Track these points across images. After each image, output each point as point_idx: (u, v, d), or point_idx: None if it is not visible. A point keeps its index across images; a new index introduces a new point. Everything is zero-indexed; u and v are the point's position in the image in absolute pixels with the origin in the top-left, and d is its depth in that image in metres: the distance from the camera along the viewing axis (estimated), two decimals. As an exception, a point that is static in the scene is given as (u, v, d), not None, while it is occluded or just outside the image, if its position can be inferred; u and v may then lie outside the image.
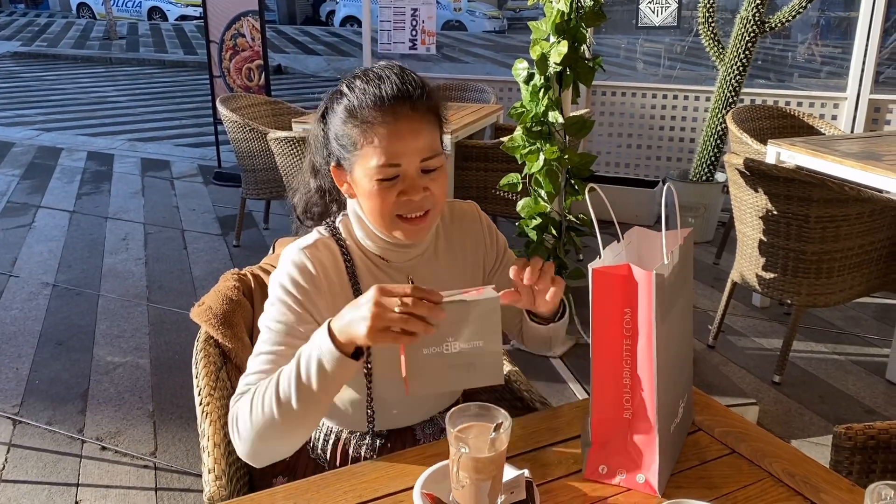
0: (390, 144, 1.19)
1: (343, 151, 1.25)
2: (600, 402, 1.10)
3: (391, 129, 1.19)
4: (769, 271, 2.99)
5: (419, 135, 1.21)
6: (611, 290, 1.07)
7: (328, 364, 1.07)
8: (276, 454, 1.17)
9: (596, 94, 5.20)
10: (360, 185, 1.24)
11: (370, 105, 1.20)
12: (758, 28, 4.21)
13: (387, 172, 1.20)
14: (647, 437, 1.08)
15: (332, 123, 1.27)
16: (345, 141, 1.23)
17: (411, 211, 1.23)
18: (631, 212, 4.91)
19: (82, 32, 19.40)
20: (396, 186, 1.21)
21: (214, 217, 5.16)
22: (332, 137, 1.27)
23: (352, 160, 1.23)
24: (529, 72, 2.82)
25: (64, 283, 4.06)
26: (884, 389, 2.99)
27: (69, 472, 2.50)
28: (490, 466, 0.99)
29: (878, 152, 3.20)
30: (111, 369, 3.16)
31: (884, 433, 1.41)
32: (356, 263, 1.30)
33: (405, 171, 1.21)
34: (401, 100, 1.20)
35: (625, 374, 1.08)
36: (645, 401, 1.07)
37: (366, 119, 1.20)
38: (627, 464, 1.10)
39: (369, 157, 1.20)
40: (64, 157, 6.98)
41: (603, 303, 1.07)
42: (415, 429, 1.40)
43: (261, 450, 1.14)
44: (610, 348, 1.08)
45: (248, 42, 5.69)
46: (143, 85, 12.17)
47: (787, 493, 1.08)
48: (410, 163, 1.20)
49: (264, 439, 1.12)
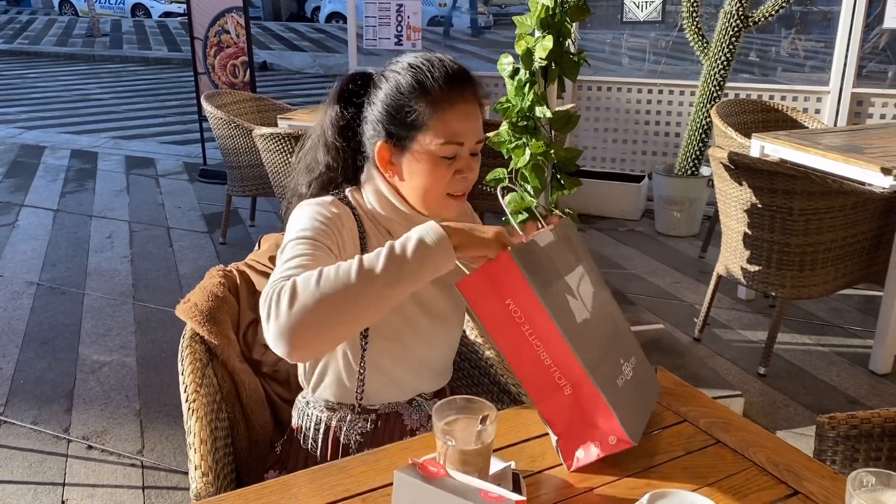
0: (459, 123, 1.24)
1: (401, 128, 1.26)
2: (538, 393, 1.10)
3: (461, 109, 1.25)
4: (754, 264, 3.01)
5: (477, 118, 1.28)
6: (480, 292, 1.07)
7: (430, 240, 1.07)
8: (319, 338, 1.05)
9: (581, 88, 5.21)
10: (417, 162, 1.26)
11: (443, 82, 1.24)
12: (741, 23, 4.23)
13: (451, 150, 1.24)
14: (594, 399, 1.09)
15: (382, 101, 1.28)
16: (410, 116, 1.25)
17: (462, 189, 1.28)
18: (617, 206, 4.93)
19: (65, 30, 19.21)
20: (454, 165, 1.26)
21: (200, 214, 5.14)
22: (385, 113, 1.27)
23: (414, 136, 1.25)
24: (515, 66, 2.82)
25: (48, 281, 4.03)
26: (867, 380, 3.02)
27: (55, 471, 2.48)
28: (477, 459, 0.99)
29: (861, 145, 3.23)
30: (97, 368, 3.14)
31: (866, 422, 1.43)
32: (366, 230, 1.31)
33: (463, 152, 1.26)
34: (467, 82, 1.27)
35: (542, 355, 1.08)
36: (572, 367, 1.08)
37: (439, 96, 1.24)
38: (595, 434, 1.10)
39: (437, 134, 1.24)
40: (47, 156, 6.92)
41: (483, 307, 1.08)
42: (402, 414, 1.41)
43: (310, 325, 1.02)
44: (516, 342, 1.08)
45: (232, 38, 5.66)
46: (127, 82, 12.08)
47: (771, 482, 1.09)
48: (470, 144, 1.27)
49: (321, 306, 1.02)
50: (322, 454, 1.39)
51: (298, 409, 1.44)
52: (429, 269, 1.08)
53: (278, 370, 1.57)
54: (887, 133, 3.52)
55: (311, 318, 1.02)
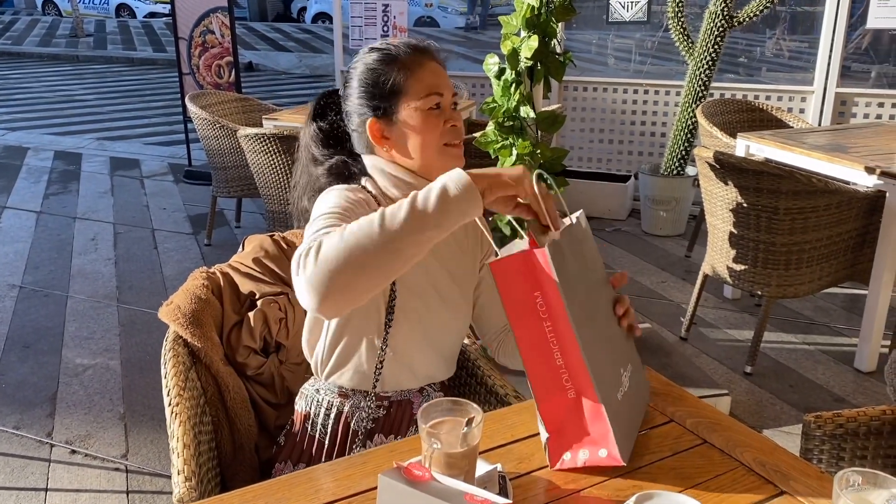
0: (432, 78, 1.36)
1: (383, 101, 1.35)
2: (542, 390, 1.10)
3: (430, 66, 1.37)
4: (740, 263, 3.02)
5: (446, 74, 1.40)
6: (513, 277, 1.07)
7: (453, 189, 1.06)
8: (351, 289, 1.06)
9: (567, 89, 5.22)
10: (408, 124, 1.34)
11: (407, 50, 1.37)
12: (726, 23, 4.25)
13: (435, 100, 1.34)
14: (595, 410, 1.09)
15: (356, 91, 1.38)
16: (387, 87, 1.35)
17: (456, 137, 1.37)
18: (603, 206, 4.94)
19: (48, 30, 19.05)
20: (441, 115, 1.36)
21: (185, 216, 5.10)
22: (364, 96, 1.37)
23: (396, 103, 1.35)
24: (500, 67, 2.81)
25: (31, 284, 3.99)
26: (852, 378, 3.04)
27: (38, 476, 2.45)
28: (462, 462, 0.98)
29: (845, 144, 3.25)
30: (80, 371, 3.11)
31: (852, 421, 1.44)
32: None
33: (445, 103, 1.37)
34: (429, 48, 1.41)
35: (556, 355, 1.08)
36: (582, 375, 1.08)
37: (407, 59, 1.36)
38: (587, 442, 1.10)
39: (418, 91, 1.34)
40: (30, 157, 6.85)
41: (510, 292, 1.07)
42: (413, 402, 1.44)
43: (341, 278, 1.04)
44: (534, 336, 1.08)
45: (217, 39, 5.63)
46: (112, 83, 11.99)
47: (758, 482, 1.09)
48: (448, 94, 1.37)
49: (350, 264, 1.03)
50: (332, 439, 1.41)
51: (306, 397, 1.45)
52: (454, 217, 1.07)
53: (262, 373, 1.55)
54: (871, 132, 3.54)
55: (337, 267, 1.04)
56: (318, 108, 1.48)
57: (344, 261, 1.04)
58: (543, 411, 1.11)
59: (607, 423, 1.08)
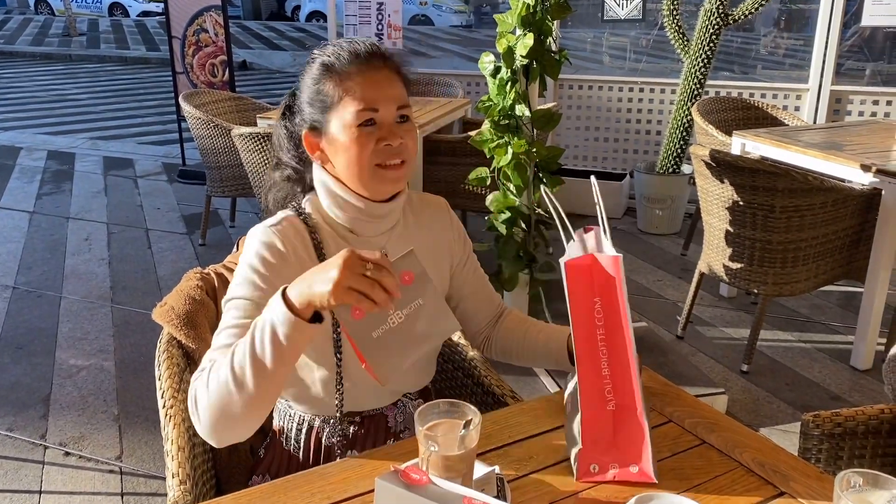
0: (368, 90, 1.24)
1: (318, 112, 1.27)
2: (588, 399, 1.09)
3: (368, 78, 1.25)
4: (736, 261, 3.02)
5: (393, 84, 1.27)
6: (581, 281, 1.06)
7: (281, 329, 1.05)
8: (233, 433, 1.13)
9: (563, 87, 5.21)
10: (338, 140, 1.25)
11: (346, 58, 1.26)
12: (721, 21, 4.25)
13: (366, 116, 1.23)
14: (635, 426, 1.08)
15: (303, 94, 1.30)
16: (321, 98, 1.26)
17: (390, 158, 1.25)
18: (599, 204, 4.93)
19: (40, 29, 18.97)
20: (375, 133, 1.24)
21: (179, 216, 5.08)
22: (305, 104, 1.30)
23: (328, 117, 1.26)
24: (496, 65, 2.81)
25: (24, 285, 3.97)
26: (848, 376, 3.04)
27: (31, 478, 2.43)
28: (460, 464, 0.97)
29: (840, 142, 3.25)
30: (74, 373, 3.09)
31: (850, 420, 1.43)
32: (324, 239, 1.30)
33: (383, 118, 1.25)
34: (375, 55, 1.27)
35: (603, 365, 1.08)
36: (627, 389, 1.07)
37: (343, 71, 1.25)
38: (619, 457, 1.08)
39: (347, 106, 1.24)
40: (23, 157, 6.81)
41: (577, 295, 1.07)
42: (387, 415, 1.38)
43: (218, 428, 1.11)
44: (589, 341, 1.08)
45: (211, 38, 5.60)
46: (105, 82, 11.94)
47: (758, 483, 1.08)
48: (388, 110, 1.25)
49: (221, 417, 1.09)
50: (305, 456, 1.36)
51: (279, 411, 1.41)
52: (291, 356, 1.09)
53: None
54: (866, 130, 3.54)
55: (216, 423, 1.10)
56: (286, 108, 1.39)
57: (216, 417, 1.10)
58: (586, 422, 1.08)
59: (647, 440, 1.07)
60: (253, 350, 1.07)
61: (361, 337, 1.05)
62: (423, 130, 3.82)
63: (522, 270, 2.94)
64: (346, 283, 1.01)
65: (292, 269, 1.22)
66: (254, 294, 1.20)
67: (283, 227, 1.27)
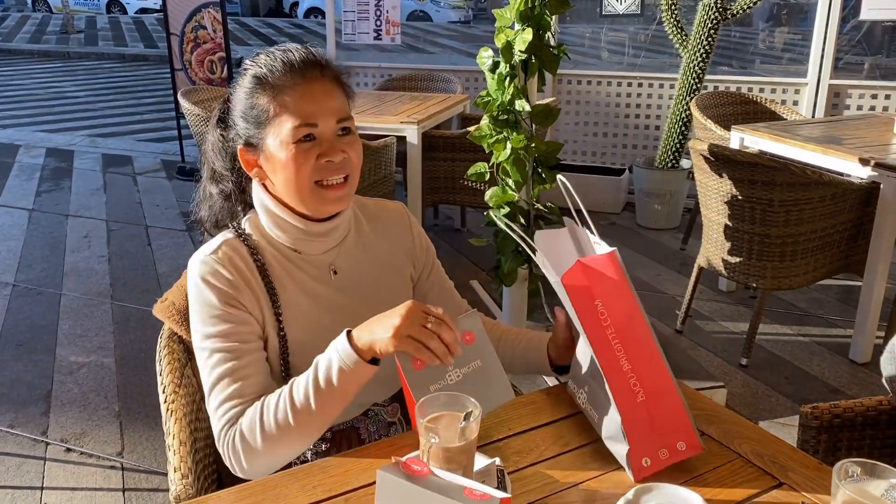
0: (306, 105, 1.18)
1: (252, 128, 1.21)
2: (622, 400, 1.08)
3: (304, 91, 1.18)
4: (735, 255, 3.02)
5: (332, 96, 1.21)
6: (580, 292, 1.07)
7: (347, 368, 1.09)
8: (279, 464, 1.17)
9: (562, 82, 5.21)
10: (275, 157, 1.20)
11: (280, 70, 1.19)
12: (720, 15, 4.24)
13: (303, 132, 1.18)
14: (668, 405, 1.09)
15: (236, 107, 1.24)
16: (255, 113, 1.20)
17: (331, 174, 1.20)
18: (598, 199, 4.94)
19: (38, 26, 18.93)
20: (314, 150, 1.19)
21: (178, 213, 5.08)
22: (239, 117, 1.23)
23: (264, 133, 1.20)
24: (494, 60, 2.80)
25: (24, 282, 3.97)
26: (847, 369, 3.04)
27: (33, 475, 2.44)
28: (461, 456, 0.97)
29: (839, 136, 3.25)
30: (75, 369, 3.09)
31: (849, 412, 1.44)
32: (267, 260, 1.26)
33: (322, 133, 1.19)
34: (310, 64, 1.20)
35: (622, 360, 1.08)
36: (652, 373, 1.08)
37: (277, 84, 1.18)
38: (664, 442, 1.08)
39: (284, 122, 1.18)
40: (22, 154, 6.81)
41: (581, 307, 1.07)
42: (358, 427, 1.34)
43: (269, 463, 1.15)
44: (604, 345, 1.09)
45: (209, 34, 5.60)
46: (103, 79, 11.93)
47: (757, 474, 1.09)
48: (327, 124, 1.19)
49: (276, 450, 1.14)
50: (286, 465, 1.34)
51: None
52: (352, 392, 1.13)
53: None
54: (865, 124, 3.55)
55: (269, 462, 1.14)
56: (223, 111, 1.30)
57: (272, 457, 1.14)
58: (628, 426, 1.07)
59: (687, 411, 1.08)
60: (317, 386, 1.11)
61: (418, 387, 1.07)
62: (421, 126, 3.83)
63: (521, 265, 2.95)
64: (405, 332, 1.04)
65: (244, 292, 1.21)
66: (226, 328, 1.19)
67: (222, 253, 1.22)
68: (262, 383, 1.20)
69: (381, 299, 1.24)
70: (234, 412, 1.16)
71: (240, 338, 1.19)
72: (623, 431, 1.07)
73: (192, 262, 1.24)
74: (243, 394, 1.17)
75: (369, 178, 3.55)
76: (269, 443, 1.12)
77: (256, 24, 19.76)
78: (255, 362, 1.20)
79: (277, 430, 1.11)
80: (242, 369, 1.18)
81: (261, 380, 1.20)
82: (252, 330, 1.21)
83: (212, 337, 1.19)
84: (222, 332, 1.19)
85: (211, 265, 1.21)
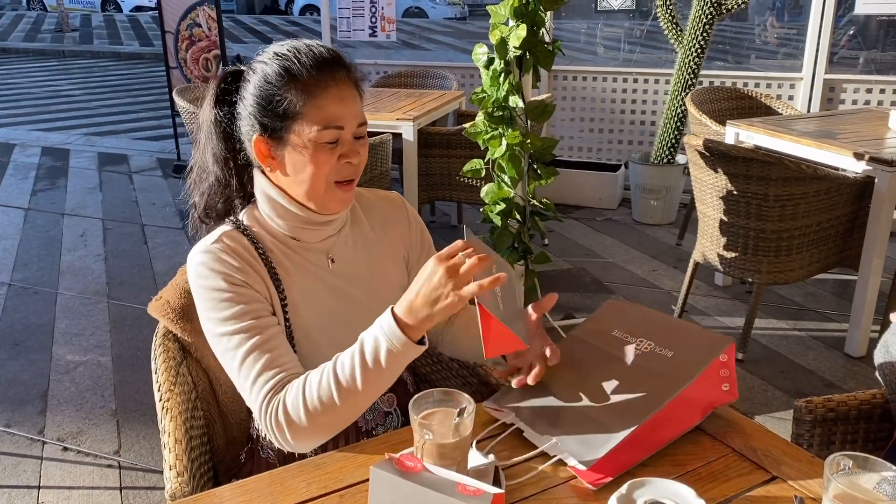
0: (336, 108, 1.20)
1: (276, 120, 1.20)
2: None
3: (334, 93, 1.20)
4: (730, 250, 3.03)
5: (354, 100, 1.23)
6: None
7: (396, 350, 1.08)
8: (325, 438, 1.17)
9: (557, 78, 5.21)
10: (295, 153, 1.21)
11: (310, 66, 1.19)
12: (715, 10, 4.24)
13: (332, 136, 1.20)
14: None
15: (254, 93, 1.22)
16: (281, 106, 1.19)
17: (349, 175, 1.24)
18: (594, 195, 4.94)
19: (33, 25, 18.89)
20: (337, 150, 1.21)
21: (175, 211, 5.08)
22: (256, 106, 1.22)
23: (287, 126, 1.20)
24: (489, 56, 2.80)
25: (20, 281, 3.97)
26: (842, 363, 3.05)
27: (30, 474, 2.44)
28: (455, 452, 0.98)
29: (834, 131, 3.26)
30: (71, 368, 3.09)
31: (842, 405, 1.44)
32: (268, 248, 1.27)
33: (345, 136, 1.21)
34: (339, 65, 1.22)
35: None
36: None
37: (309, 81, 1.19)
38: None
39: (312, 121, 1.19)
40: (17, 153, 6.80)
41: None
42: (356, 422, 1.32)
43: (315, 438, 1.15)
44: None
45: (204, 32, 5.59)
46: (99, 78, 11.90)
47: (750, 468, 1.09)
48: (350, 127, 1.22)
49: (321, 426, 1.13)
50: (281, 462, 1.31)
51: (255, 419, 1.35)
52: (403, 364, 1.12)
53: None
54: (859, 118, 3.55)
55: (315, 437, 1.15)
56: (220, 90, 1.29)
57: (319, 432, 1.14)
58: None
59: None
60: (364, 365, 1.10)
61: (495, 309, 1.08)
62: (417, 123, 3.83)
63: (518, 262, 2.95)
64: (463, 281, 1.04)
65: (251, 276, 1.21)
66: (240, 299, 1.18)
67: (224, 243, 1.23)
68: (291, 352, 1.20)
69: (378, 285, 1.32)
70: (272, 382, 1.14)
71: (256, 314, 1.18)
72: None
73: (193, 254, 1.24)
74: (277, 363, 1.16)
75: (365, 175, 3.53)
76: (314, 419, 1.12)
77: (252, 21, 19.73)
78: (277, 334, 1.20)
79: (322, 408, 1.11)
80: (268, 342, 1.17)
81: (289, 349, 1.21)
82: (265, 307, 1.21)
83: (228, 320, 1.18)
84: (237, 314, 1.18)
85: (214, 253, 1.21)
